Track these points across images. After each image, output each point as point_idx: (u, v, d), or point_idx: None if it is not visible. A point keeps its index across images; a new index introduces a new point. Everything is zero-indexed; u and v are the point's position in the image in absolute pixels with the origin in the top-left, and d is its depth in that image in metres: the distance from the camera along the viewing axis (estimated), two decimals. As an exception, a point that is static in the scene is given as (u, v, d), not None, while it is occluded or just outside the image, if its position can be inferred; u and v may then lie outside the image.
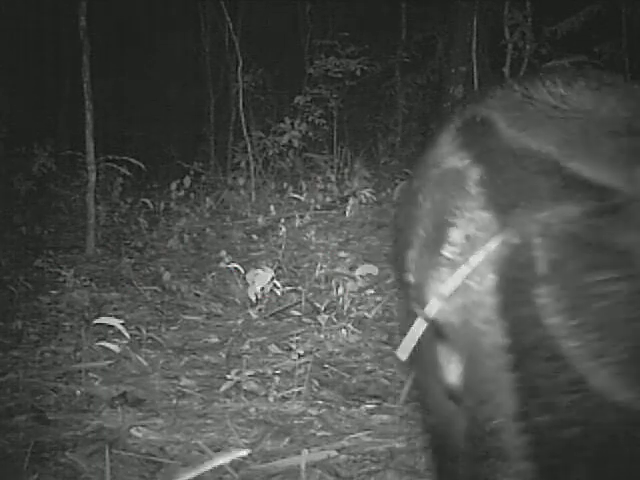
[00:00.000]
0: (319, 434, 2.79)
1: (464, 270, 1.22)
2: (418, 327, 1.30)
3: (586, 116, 1.24)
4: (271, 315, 4.20)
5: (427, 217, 1.36)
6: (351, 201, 6.92)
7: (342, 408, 3.02)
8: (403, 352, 1.32)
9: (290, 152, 8.58)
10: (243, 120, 8.30)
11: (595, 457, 1.06)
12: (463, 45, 8.43)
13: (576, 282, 1.07)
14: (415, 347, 1.35)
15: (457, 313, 1.25)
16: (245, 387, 3.16)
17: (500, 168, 1.26)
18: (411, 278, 1.40)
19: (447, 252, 1.28)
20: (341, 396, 3.14)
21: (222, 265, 4.87)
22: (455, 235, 1.27)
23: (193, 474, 0.87)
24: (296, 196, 7.40)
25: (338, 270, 4.85)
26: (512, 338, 1.11)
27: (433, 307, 1.28)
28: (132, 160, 6.85)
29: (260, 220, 6.55)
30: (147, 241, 6.17)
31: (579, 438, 1.05)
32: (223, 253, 5.20)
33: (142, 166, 7.04)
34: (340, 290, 4.30)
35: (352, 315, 4.13)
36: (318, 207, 7.05)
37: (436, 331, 1.31)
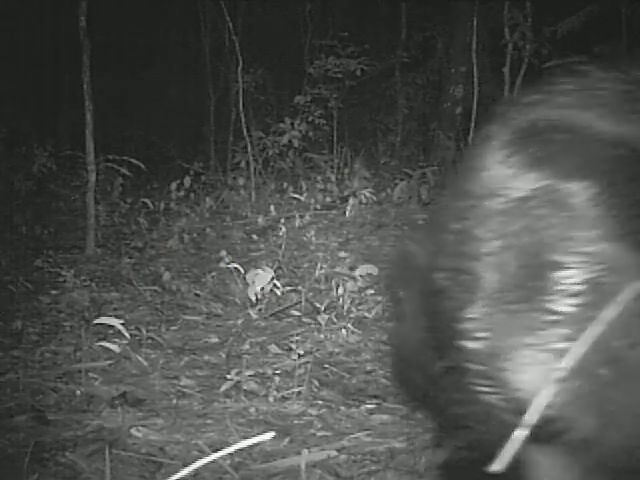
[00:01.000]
0: (319, 434, 2.79)
1: (595, 331, 0.85)
2: (519, 432, 0.87)
3: None
4: (271, 315, 4.20)
5: (501, 259, 0.96)
6: (351, 201, 6.92)
7: (342, 408, 3.02)
8: (499, 464, 0.89)
9: (290, 152, 8.58)
10: (243, 120, 8.30)
11: None
12: (463, 45, 8.45)
13: None
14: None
15: (587, 403, 0.86)
16: (245, 387, 3.16)
17: (633, 179, 0.89)
18: (473, 344, 0.99)
19: (555, 305, 0.89)
20: (341, 396, 3.14)
21: (222, 265, 4.87)
22: (567, 279, 0.89)
23: (190, 469, 0.84)
24: (296, 196, 7.40)
25: (338, 270, 4.85)
26: None
27: (542, 395, 0.86)
28: (132, 160, 6.86)
29: (260, 220, 6.55)
30: (147, 241, 6.17)
31: None
32: (223, 253, 5.20)
33: (142, 166, 7.05)
34: (340, 290, 4.30)
35: (352, 315, 4.12)
36: (318, 207, 7.05)
37: (536, 433, 0.89)
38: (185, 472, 0.83)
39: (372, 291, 4.46)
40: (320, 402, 3.07)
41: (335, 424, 2.88)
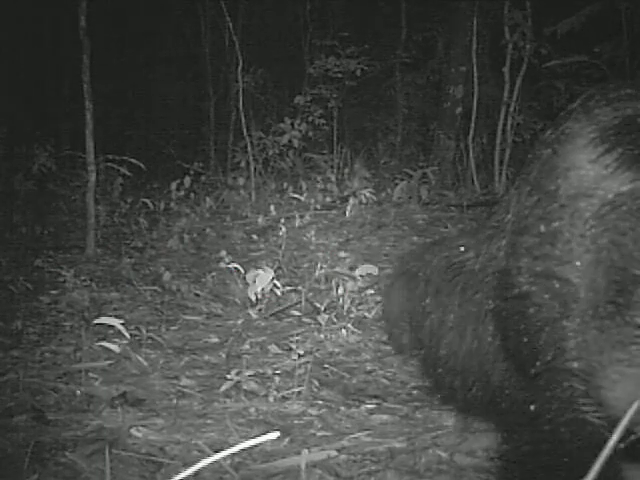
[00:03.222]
0: (319, 434, 2.79)
1: None
2: (611, 449, 0.78)
3: None
4: (271, 315, 4.19)
5: (592, 275, 0.86)
6: (351, 201, 6.92)
7: (342, 408, 3.02)
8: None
9: (290, 152, 8.58)
10: (243, 120, 8.30)
11: None
12: (463, 45, 8.44)
13: None
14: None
15: None
16: (245, 387, 3.16)
17: None
18: (574, 364, 0.90)
19: None
20: (341, 396, 3.14)
21: (222, 265, 4.86)
22: None
23: (193, 469, 0.83)
24: (296, 196, 7.40)
25: (338, 270, 4.85)
26: None
27: (631, 411, 0.78)
28: (132, 160, 6.86)
29: (260, 220, 6.55)
30: (147, 241, 6.17)
31: None
32: (223, 253, 5.19)
33: (142, 166, 7.04)
34: (340, 290, 4.30)
35: (352, 315, 4.12)
36: (318, 207, 7.05)
37: (630, 449, 0.81)
38: (188, 472, 0.82)
39: (372, 291, 4.46)
40: (320, 402, 3.07)
41: (335, 424, 2.88)
